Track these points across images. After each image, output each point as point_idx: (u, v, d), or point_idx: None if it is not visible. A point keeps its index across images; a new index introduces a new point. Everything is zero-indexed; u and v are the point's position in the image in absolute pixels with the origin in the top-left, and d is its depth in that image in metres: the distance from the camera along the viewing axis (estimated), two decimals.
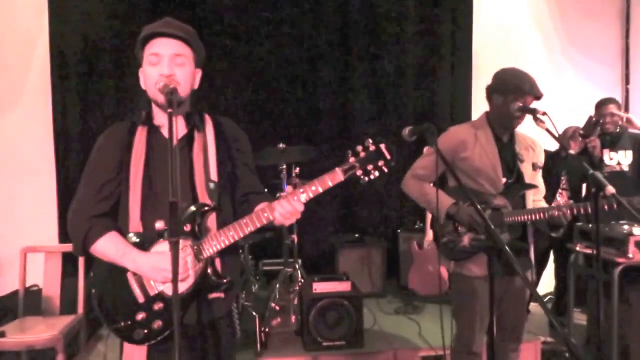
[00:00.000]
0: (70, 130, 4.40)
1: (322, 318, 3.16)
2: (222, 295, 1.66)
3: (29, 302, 3.30)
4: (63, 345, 2.90)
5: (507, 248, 1.50)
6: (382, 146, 1.57)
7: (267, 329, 3.27)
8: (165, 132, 1.70)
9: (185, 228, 1.57)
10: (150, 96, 1.66)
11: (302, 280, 3.72)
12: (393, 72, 4.92)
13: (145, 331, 1.60)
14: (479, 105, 2.58)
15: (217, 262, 1.66)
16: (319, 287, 3.22)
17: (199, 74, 1.73)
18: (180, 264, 1.33)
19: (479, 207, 1.65)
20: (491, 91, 2.42)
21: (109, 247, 1.61)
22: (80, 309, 3.26)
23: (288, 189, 1.58)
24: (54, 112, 4.36)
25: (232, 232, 1.58)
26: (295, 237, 3.88)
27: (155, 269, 1.56)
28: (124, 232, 1.64)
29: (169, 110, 1.44)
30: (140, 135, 1.68)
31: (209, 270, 1.61)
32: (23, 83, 4.33)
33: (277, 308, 3.63)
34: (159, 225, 1.52)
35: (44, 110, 4.34)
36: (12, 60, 4.30)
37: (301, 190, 1.54)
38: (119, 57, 4.41)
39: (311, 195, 1.55)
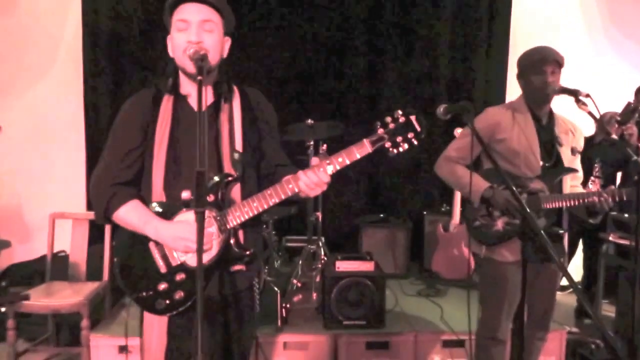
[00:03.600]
0: (100, 99, 4.42)
1: (344, 297, 3.13)
2: (244, 267, 1.64)
3: (56, 267, 3.37)
4: (88, 310, 2.96)
5: (543, 233, 1.43)
6: (413, 118, 1.50)
7: (288, 305, 3.26)
8: (192, 101, 1.67)
9: (208, 198, 1.54)
10: (178, 64, 1.62)
11: (325, 258, 3.70)
12: (426, 49, 4.78)
13: (167, 301, 1.59)
14: (515, 85, 2.50)
15: (240, 233, 1.64)
16: (342, 265, 3.19)
17: (228, 42, 1.69)
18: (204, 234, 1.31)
19: (514, 189, 1.58)
20: (517, 79, 2.42)
21: (132, 215, 1.59)
22: (106, 276, 3.30)
23: (314, 160, 1.53)
24: (85, 81, 4.37)
25: (256, 203, 1.55)
26: (319, 214, 3.84)
27: (177, 238, 1.53)
28: (146, 201, 1.62)
29: (199, 77, 1.41)
30: (166, 104, 1.65)
31: (232, 242, 1.59)
32: (55, 53, 4.37)
33: (299, 285, 3.62)
34: (185, 195, 1.50)
35: (74, 79, 4.36)
36: (45, 30, 4.32)
37: (327, 161, 1.50)
38: (150, 27, 4.38)
39: (338, 167, 1.51)
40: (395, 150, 1.51)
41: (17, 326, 2.95)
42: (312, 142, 3.65)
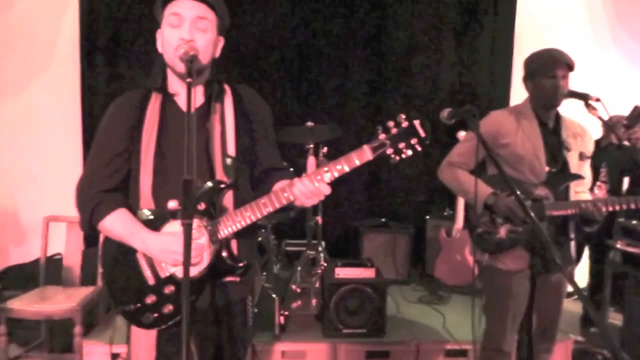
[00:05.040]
0: (98, 100, 4.34)
1: (344, 304, 3.05)
2: (237, 279, 1.56)
3: (50, 271, 3.30)
4: (81, 317, 2.88)
5: (551, 244, 1.35)
6: (417, 122, 1.40)
7: (286, 312, 3.18)
8: (180, 101, 1.59)
9: (199, 207, 1.46)
10: (167, 62, 1.54)
11: (325, 264, 3.62)
12: (429, 51, 4.70)
13: (155, 315, 1.51)
14: (519, 88, 2.43)
15: (233, 244, 1.55)
16: (342, 272, 3.11)
17: (221, 42, 1.61)
18: (193, 246, 1.23)
19: (520, 197, 1.50)
20: (524, 81, 2.33)
21: (117, 225, 1.51)
22: (100, 281, 3.23)
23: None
24: (82, 82, 4.30)
25: (249, 212, 1.46)
26: (319, 218, 3.76)
27: (165, 250, 1.45)
28: (134, 208, 1.54)
29: (188, 80, 1.32)
30: (154, 104, 1.56)
31: (224, 253, 1.50)
32: (52, 53, 4.28)
33: (298, 290, 3.54)
34: (172, 205, 1.42)
35: (71, 80, 4.28)
36: (41, 30, 4.24)
37: (325, 169, 1.40)
38: (147, 24, 4.29)
39: (336, 175, 1.41)
40: (397, 157, 1.41)
41: (9, 331, 2.89)
42: (311, 145, 3.56)
